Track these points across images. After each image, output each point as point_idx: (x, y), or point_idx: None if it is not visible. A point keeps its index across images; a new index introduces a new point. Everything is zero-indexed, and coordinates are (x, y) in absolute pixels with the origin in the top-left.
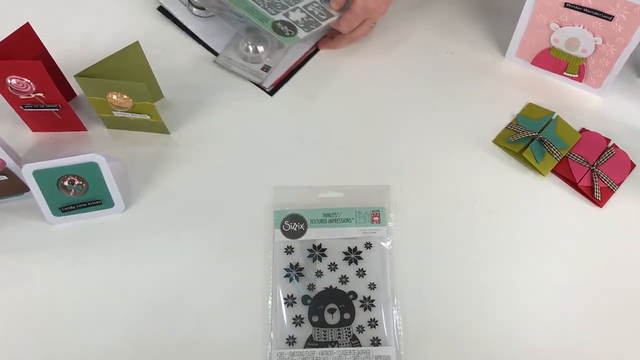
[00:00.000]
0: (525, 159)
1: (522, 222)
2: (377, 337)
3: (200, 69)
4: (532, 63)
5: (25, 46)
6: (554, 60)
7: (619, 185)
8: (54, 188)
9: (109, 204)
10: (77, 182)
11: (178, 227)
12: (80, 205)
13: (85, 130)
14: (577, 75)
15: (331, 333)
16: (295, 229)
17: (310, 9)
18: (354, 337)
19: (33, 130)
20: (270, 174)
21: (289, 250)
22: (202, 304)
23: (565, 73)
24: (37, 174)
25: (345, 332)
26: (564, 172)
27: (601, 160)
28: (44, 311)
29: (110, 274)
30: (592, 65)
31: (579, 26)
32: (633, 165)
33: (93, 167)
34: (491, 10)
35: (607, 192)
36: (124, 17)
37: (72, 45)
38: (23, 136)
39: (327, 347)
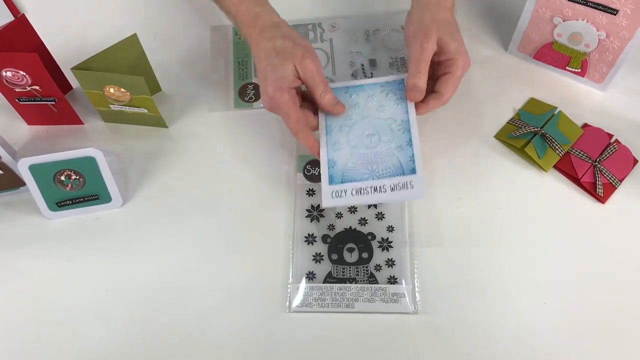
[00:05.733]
0: (527, 154)
1: (523, 218)
2: (393, 276)
3: (199, 61)
4: (534, 57)
5: (20, 38)
6: (556, 55)
7: (621, 181)
8: (51, 183)
9: (107, 198)
10: (74, 177)
11: (177, 221)
12: (77, 200)
13: (82, 123)
14: (579, 70)
15: (349, 270)
16: (317, 173)
17: None
18: (372, 275)
19: (29, 124)
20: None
21: (310, 192)
22: (205, 299)
23: (567, 68)
24: (33, 169)
25: (363, 269)
26: (566, 168)
27: (604, 156)
28: (41, 308)
29: (108, 269)
30: (595, 60)
31: (583, 20)
32: (636, 161)
33: (90, 162)
34: (493, 3)
35: (610, 188)
36: (121, 8)
37: (68, 37)
38: (19, 130)
39: (346, 283)
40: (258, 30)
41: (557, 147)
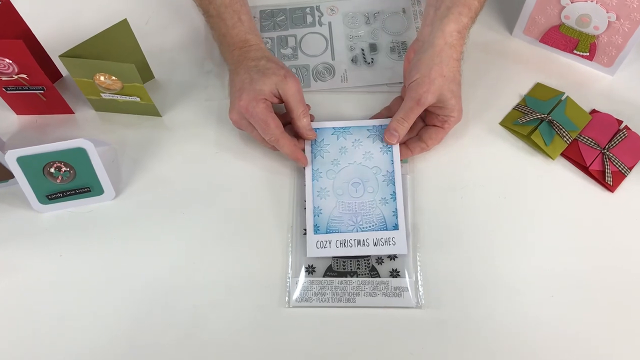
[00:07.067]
0: (534, 141)
1: (529, 208)
2: (395, 269)
3: (194, 48)
4: (540, 41)
5: (5, 24)
6: (564, 38)
7: (631, 169)
8: (40, 175)
9: (99, 191)
10: (64, 169)
11: (172, 214)
12: (68, 193)
13: (73, 113)
14: (587, 54)
15: (350, 263)
16: None
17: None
18: (373, 269)
19: (17, 113)
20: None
21: None
22: (201, 294)
23: (575, 51)
24: (21, 161)
25: (365, 263)
26: (573, 156)
27: (613, 142)
28: (32, 304)
29: (101, 264)
30: (604, 43)
31: (592, 2)
32: None
33: (80, 153)
34: None
35: (619, 176)
36: None
37: (56, 23)
38: (7, 120)
39: (346, 277)
40: (244, 52)
41: (564, 134)
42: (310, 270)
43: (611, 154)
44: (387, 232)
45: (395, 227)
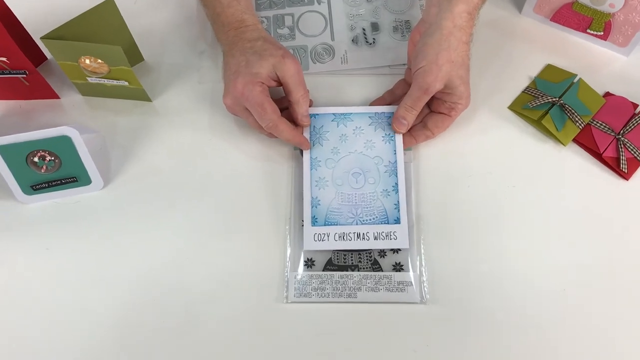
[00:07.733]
0: (545, 127)
1: (540, 197)
2: (399, 263)
3: (185, 28)
4: (551, 20)
5: None
6: (576, 16)
7: None
8: (24, 164)
9: (86, 180)
10: (48, 158)
11: (163, 204)
12: (53, 183)
13: (58, 98)
14: (602, 33)
15: (351, 257)
16: None
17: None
18: (375, 262)
19: (0, 99)
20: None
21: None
22: (196, 289)
23: (588, 31)
24: (3, 150)
25: (366, 256)
26: (586, 142)
27: (628, 127)
28: (16, 300)
29: (90, 257)
30: (620, 22)
31: None
32: None
33: (65, 141)
34: None
35: (634, 163)
36: None
37: (39, 3)
38: None
39: (347, 270)
40: (240, 33)
41: (576, 119)
42: (309, 263)
43: (626, 140)
44: (388, 226)
45: (397, 221)
